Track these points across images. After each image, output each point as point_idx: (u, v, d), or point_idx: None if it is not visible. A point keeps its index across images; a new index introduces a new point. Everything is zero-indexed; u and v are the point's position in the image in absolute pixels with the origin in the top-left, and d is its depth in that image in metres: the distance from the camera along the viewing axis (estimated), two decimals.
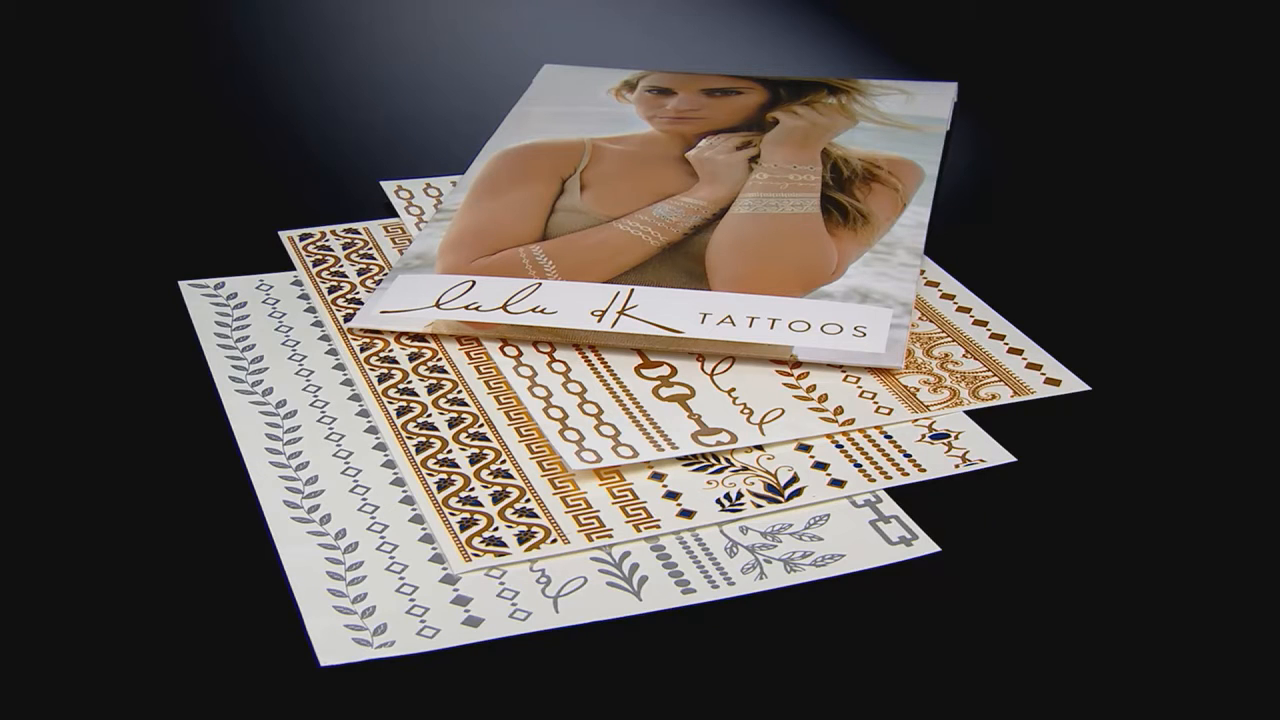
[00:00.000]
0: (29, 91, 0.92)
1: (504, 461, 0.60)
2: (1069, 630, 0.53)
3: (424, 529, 0.57)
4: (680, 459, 0.61)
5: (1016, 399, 0.64)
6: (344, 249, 0.75)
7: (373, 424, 0.62)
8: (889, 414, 0.63)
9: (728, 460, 0.61)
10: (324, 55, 0.99)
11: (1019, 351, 0.67)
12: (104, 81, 0.93)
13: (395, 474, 0.60)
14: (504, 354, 0.66)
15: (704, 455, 0.61)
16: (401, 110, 0.90)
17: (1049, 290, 0.72)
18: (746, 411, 0.63)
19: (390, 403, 0.63)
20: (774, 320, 0.67)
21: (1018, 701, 0.51)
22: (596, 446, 0.60)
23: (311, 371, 0.66)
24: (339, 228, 0.76)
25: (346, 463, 0.60)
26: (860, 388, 0.65)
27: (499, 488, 0.59)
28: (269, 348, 0.67)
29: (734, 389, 0.64)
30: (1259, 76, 0.95)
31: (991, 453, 0.61)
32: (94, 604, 0.53)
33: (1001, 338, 0.68)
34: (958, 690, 0.51)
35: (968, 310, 0.70)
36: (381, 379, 0.65)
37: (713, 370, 0.65)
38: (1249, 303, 0.72)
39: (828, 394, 0.64)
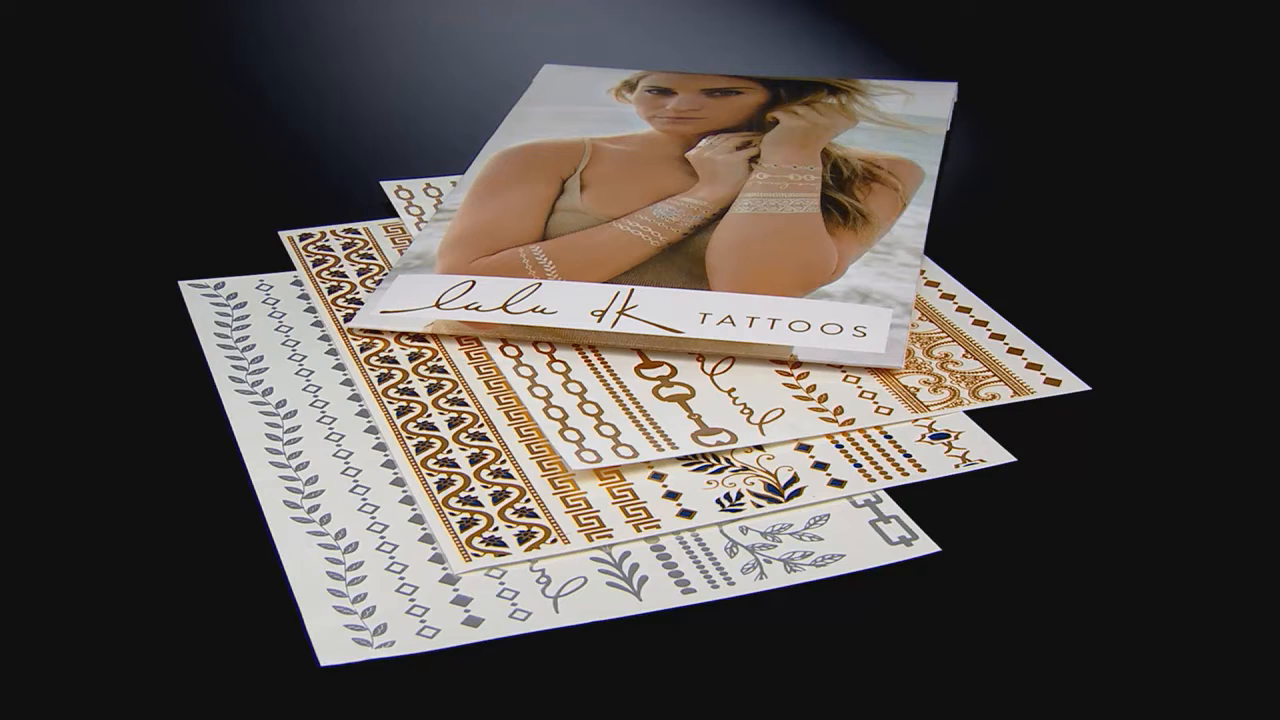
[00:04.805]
0: (29, 91, 0.92)
1: (504, 461, 0.60)
2: (1069, 630, 0.53)
3: (424, 529, 0.57)
4: (680, 459, 0.61)
5: (1016, 399, 0.64)
6: (344, 249, 0.75)
7: (373, 424, 0.62)
8: (889, 414, 0.63)
9: (728, 460, 0.61)
10: (324, 55, 0.99)
11: (1019, 351, 0.67)
12: (104, 81, 0.93)
13: (395, 474, 0.60)
14: (504, 354, 0.66)
15: (704, 455, 0.61)
16: (401, 110, 0.90)
17: (1049, 290, 0.72)
18: (746, 411, 0.63)
19: (390, 403, 0.63)
20: (774, 320, 0.67)
21: (1018, 701, 0.51)
22: (596, 446, 0.60)
23: (311, 371, 0.66)
24: (339, 228, 0.76)
25: (346, 463, 0.60)
26: (860, 388, 0.65)
27: (499, 488, 0.59)
28: (269, 348, 0.67)
29: (734, 389, 0.64)
30: (1259, 76, 0.95)
31: (991, 453, 0.61)
32: (94, 604, 0.53)
33: (1001, 338, 0.68)
34: (958, 690, 0.51)
35: (968, 310, 0.70)
36: (381, 379, 0.65)
37: (713, 370, 0.65)
38: (1249, 302, 0.72)
39: (828, 394, 0.64)
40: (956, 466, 0.60)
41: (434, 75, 0.96)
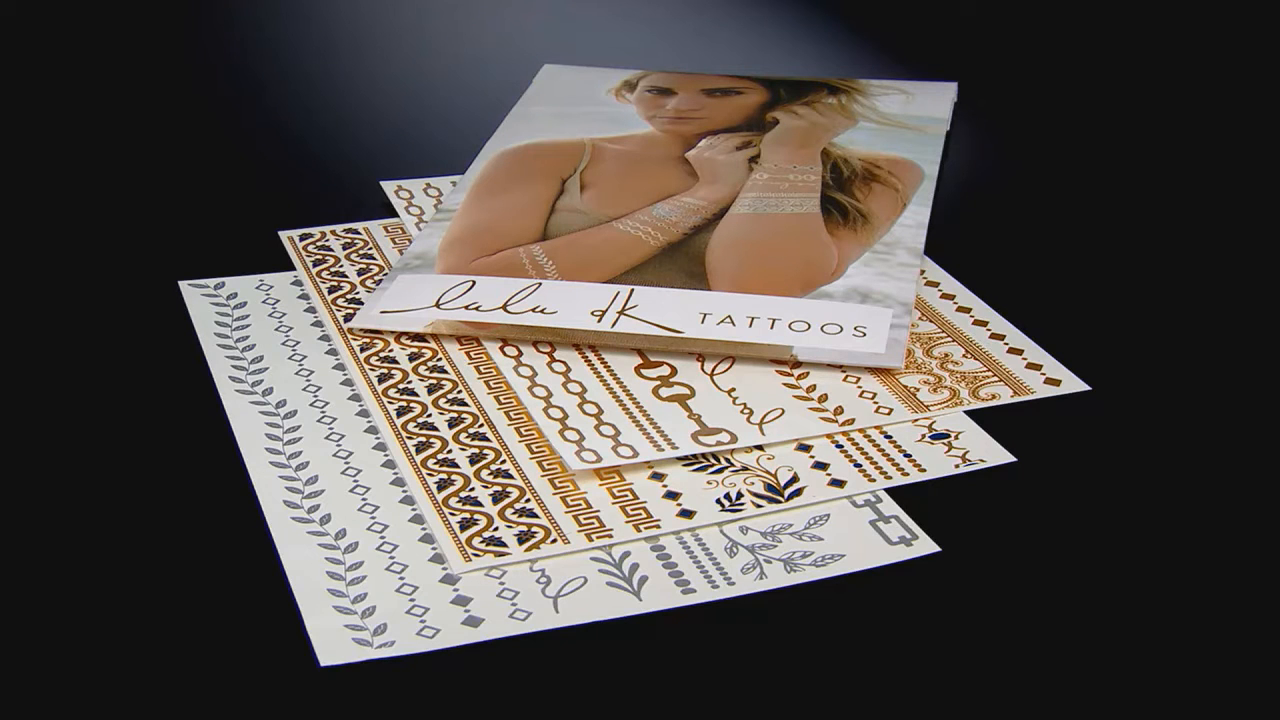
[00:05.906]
0: (29, 91, 0.92)
1: (504, 461, 0.60)
2: (1069, 630, 0.53)
3: (424, 529, 0.57)
4: (680, 459, 0.61)
5: (1016, 399, 0.64)
6: (344, 249, 0.75)
7: (373, 424, 0.62)
8: (889, 414, 0.63)
9: (728, 460, 0.61)
10: (324, 55, 0.99)
11: (1019, 351, 0.67)
12: (104, 82, 0.93)
13: (395, 474, 0.60)
14: (504, 354, 0.66)
15: (704, 455, 0.61)
16: (401, 110, 0.90)
17: (1049, 290, 0.72)
18: (746, 411, 0.63)
19: (390, 403, 0.63)
20: (774, 320, 0.67)
21: (1017, 701, 0.51)
22: (596, 446, 0.60)
23: (311, 371, 0.66)
24: (339, 228, 0.76)
25: (346, 463, 0.60)
26: (860, 388, 0.65)
27: (499, 488, 0.59)
28: (269, 348, 0.67)
29: (734, 389, 0.64)
30: (1259, 76, 0.95)
31: (991, 453, 0.61)
32: (94, 604, 0.53)
33: (1001, 338, 0.68)
34: (958, 690, 0.51)
35: (968, 310, 0.70)
36: (381, 379, 0.65)
37: (713, 370, 0.66)
38: (1249, 302, 0.72)
39: (828, 394, 0.64)
40: (956, 466, 0.60)
41: (434, 75, 0.96)
